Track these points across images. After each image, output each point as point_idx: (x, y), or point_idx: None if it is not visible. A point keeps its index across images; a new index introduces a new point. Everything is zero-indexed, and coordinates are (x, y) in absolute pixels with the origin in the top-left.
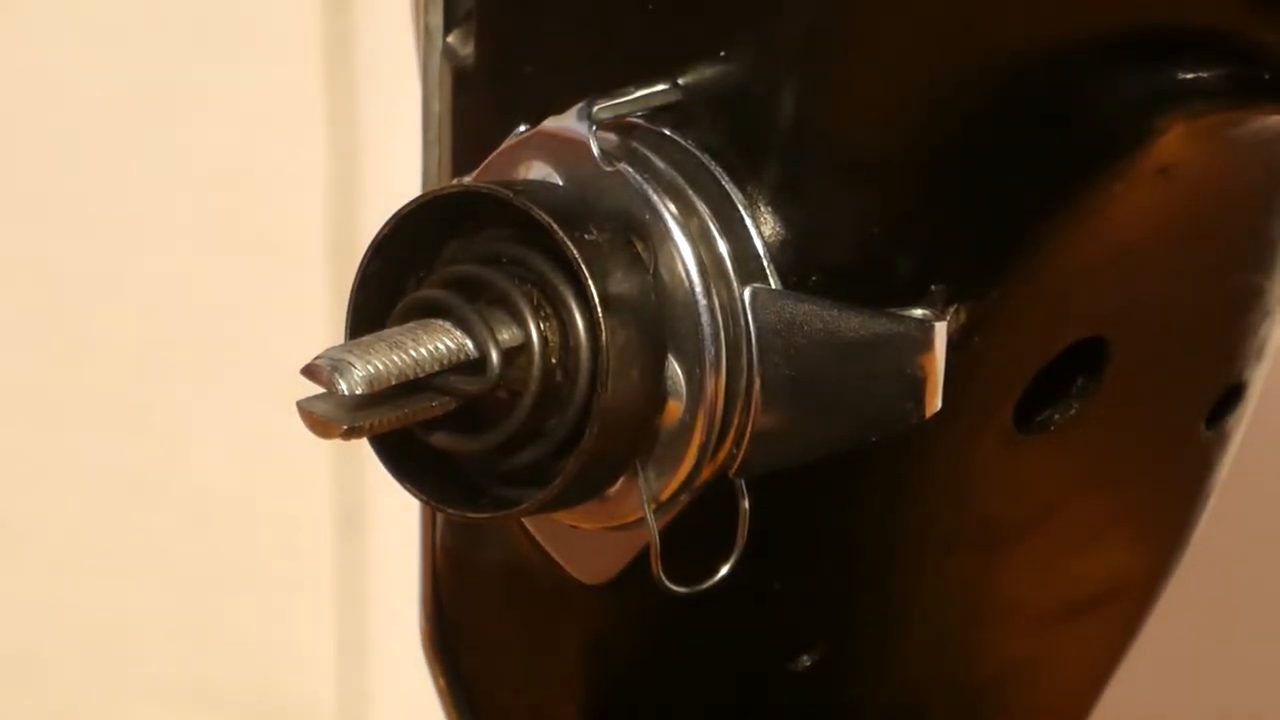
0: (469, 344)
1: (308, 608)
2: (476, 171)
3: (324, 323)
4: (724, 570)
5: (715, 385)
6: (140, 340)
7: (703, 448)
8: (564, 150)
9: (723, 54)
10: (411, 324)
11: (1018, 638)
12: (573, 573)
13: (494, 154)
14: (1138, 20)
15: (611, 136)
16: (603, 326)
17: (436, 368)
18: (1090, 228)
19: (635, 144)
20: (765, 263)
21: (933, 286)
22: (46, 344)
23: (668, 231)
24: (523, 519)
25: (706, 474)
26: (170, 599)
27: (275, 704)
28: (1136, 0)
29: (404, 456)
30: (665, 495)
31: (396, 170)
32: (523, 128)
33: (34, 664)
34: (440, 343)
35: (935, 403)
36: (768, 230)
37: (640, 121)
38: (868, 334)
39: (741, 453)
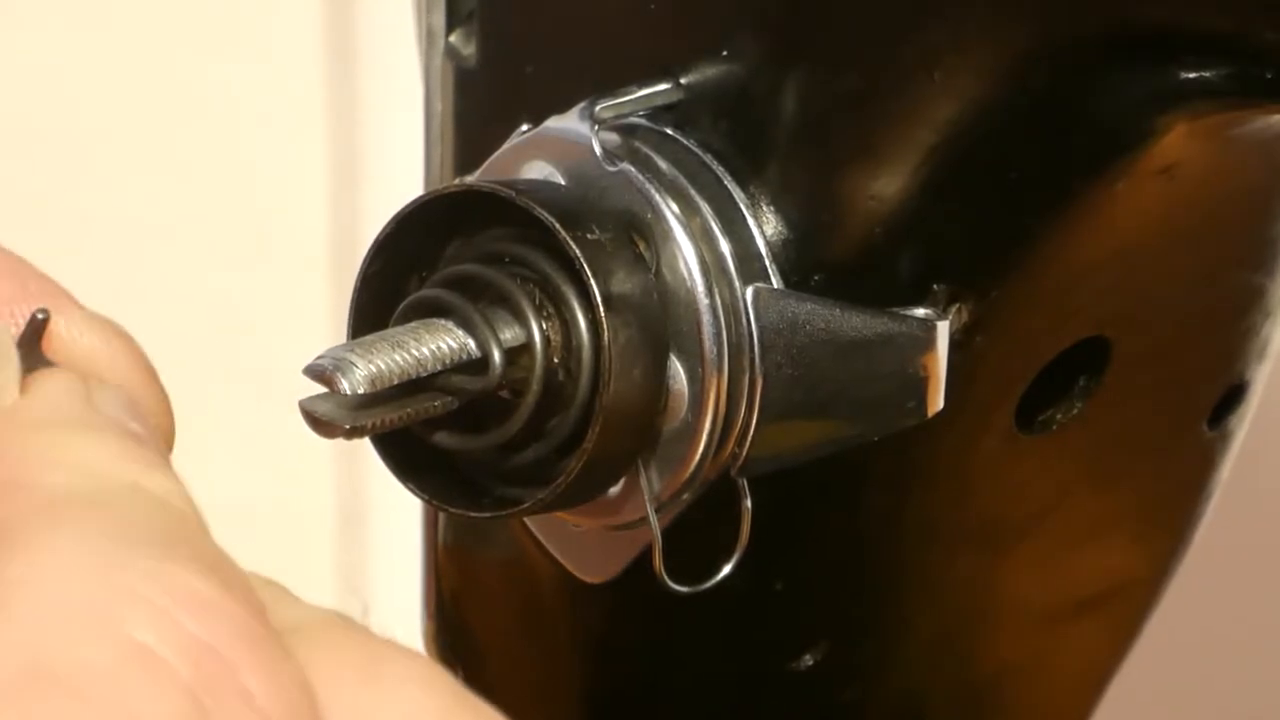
0: (471, 343)
1: None
2: (479, 171)
3: (325, 322)
4: (726, 569)
5: (717, 385)
6: (140, 339)
7: (705, 447)
8: (566, 150)
9: (724, 53)
10: (414, 323)
11: (1019, 637)
12: (575, 572)
13: (496, 153)
14: (1139, 19)
15: (613, 136)
16: (605, 326)
17: (439, 367)
18: (1092, 227)
19: (637, 143)
20: (767, 262)
21: (935, 286)
22: None
23: (670, 231)
24: (525, 518)
25: (709, 473)
26: None
27: None
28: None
29: (406, 456)
30: (667, 495)
31: (397, 170)
32: (525, 127)
33: None
34: (442, 342)
35: (937, 402)
36: (769, 230)
37: (642, 121)
38: (870, 333)
39: (744, 452)
